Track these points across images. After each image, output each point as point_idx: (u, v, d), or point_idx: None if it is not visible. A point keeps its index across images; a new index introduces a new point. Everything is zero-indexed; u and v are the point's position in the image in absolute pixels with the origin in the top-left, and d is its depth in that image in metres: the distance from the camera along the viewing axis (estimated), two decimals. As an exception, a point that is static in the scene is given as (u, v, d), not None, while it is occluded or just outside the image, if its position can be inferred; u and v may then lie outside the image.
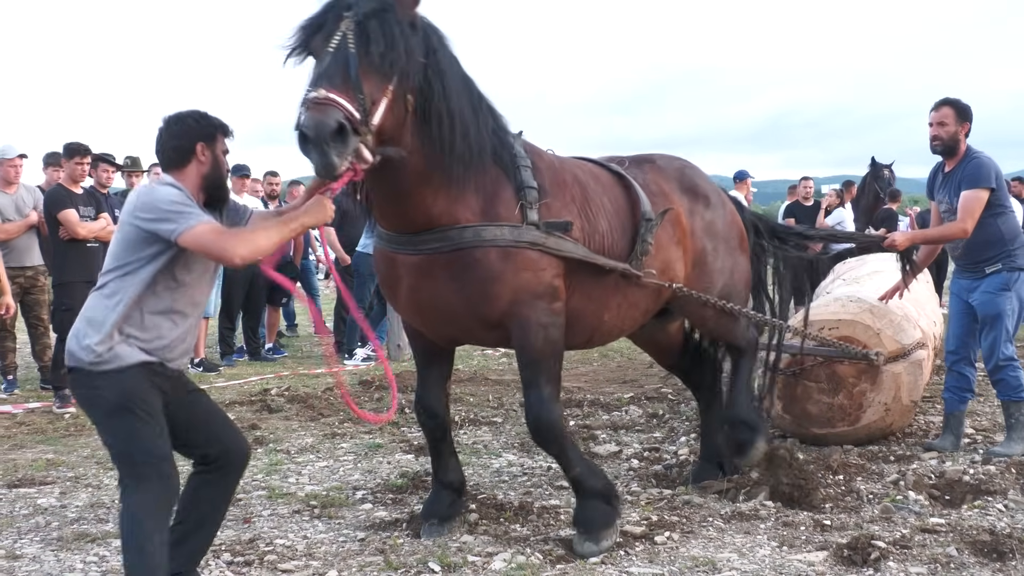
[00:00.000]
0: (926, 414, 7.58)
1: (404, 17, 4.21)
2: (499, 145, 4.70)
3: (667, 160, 5.84)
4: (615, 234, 5.03)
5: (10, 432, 7.90)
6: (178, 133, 4.15)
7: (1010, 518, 5.06)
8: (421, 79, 4.32)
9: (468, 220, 4.60)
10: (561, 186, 4.89)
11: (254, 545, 4.89)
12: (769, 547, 4.71)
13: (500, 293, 4.65)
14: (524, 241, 4.62)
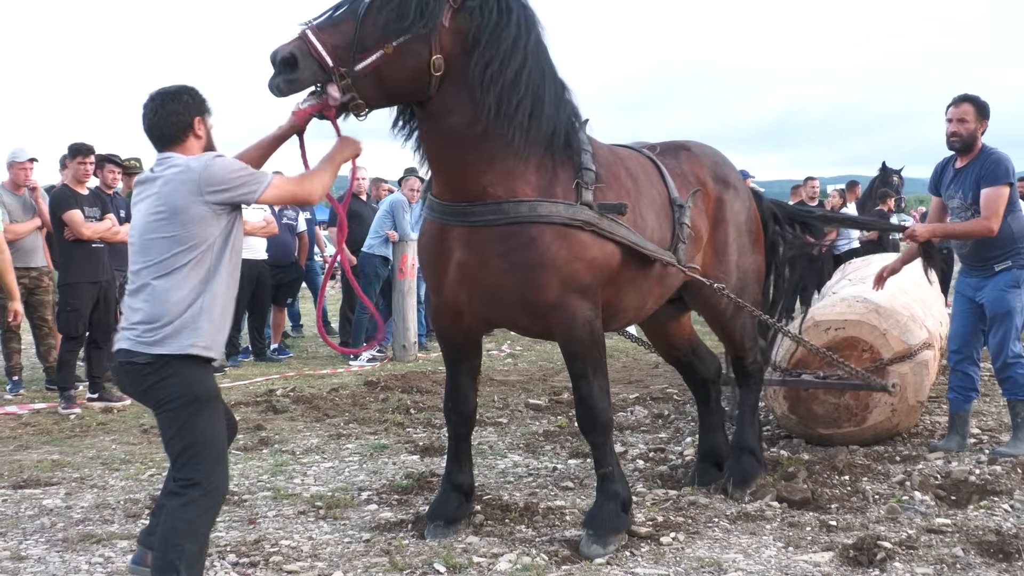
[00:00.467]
0: (932, 414, 7.57)
1: None
2: (571, 130, 4.76)
3: (701, 148, 5.88)
4: (662, 226, 5.13)
5: (15, 433, 7.92)
6: (175, 109, 4.09)
7: (1016, 518, 5.05)
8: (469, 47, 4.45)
9: (526, 195, 4.62)
10: (616, 176, 4.94)
11: (259, 546, 4.89)
12: (775, 548, 4.70)
13: (550, 282, 4.64)
14: (579, 220, 4.62)
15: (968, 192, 6.39)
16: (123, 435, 7.82)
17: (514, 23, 4.55)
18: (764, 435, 7.03)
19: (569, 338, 4.82)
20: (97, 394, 9.16)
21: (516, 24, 4.55)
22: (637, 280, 5.02)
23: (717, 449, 6.02)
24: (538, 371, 10.95)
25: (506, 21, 4.52)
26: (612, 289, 4.92)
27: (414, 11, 4.28)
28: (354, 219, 12.87)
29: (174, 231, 3.91)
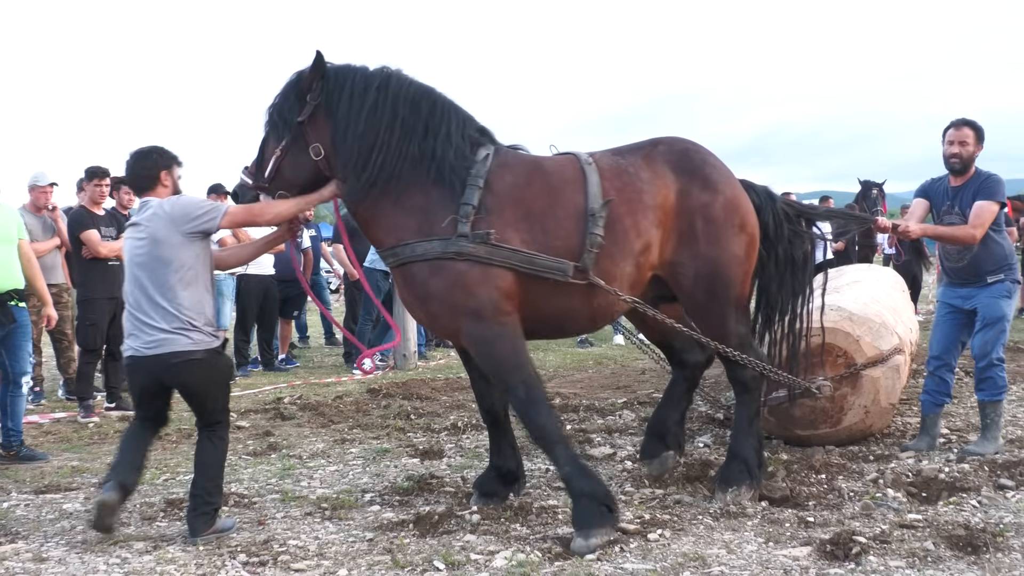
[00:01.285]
0: (903, 416, 7.58)
1: (299, 92, 5.21)
2: (447, 171, 5.08)
3: (671, 144, 5.61)
4: (569, 237, 5.08)
5: (37, 441, 7.89)
6: (146, 165, 5.22)
7: (984, 513, 5.05)
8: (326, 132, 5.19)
9: (407, 239, 5.05)
10: (512, 200, 5.09)
11: (268, 546, 4.88)
12: (756, 543, 4.70)
13: (439, 312, 5.09)
14: (451, 252, 4.92)
15: (967, 208, 6.37)
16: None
17: (346, 102, 5.17)
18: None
19: (478, 358, 5.18)
20: (114, 404, 9.16)
21: (349, 100, 5.17)
22: (554, 290, 5.06)
23: (664, 424, 6.00)
24: (531, 378, 10.92)
25: (340, 103, 5.17)
26: (529, 302, 5.07)
27: (278, 123, 5.25)
28: (357, 236, 12.88)
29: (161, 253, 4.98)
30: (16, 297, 7.10)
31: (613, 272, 5.18)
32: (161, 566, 4.61)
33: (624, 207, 5.22)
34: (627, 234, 5.21)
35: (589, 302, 5.21)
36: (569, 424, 7.95)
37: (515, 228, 5.03)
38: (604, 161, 5.39)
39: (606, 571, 4.34)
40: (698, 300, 5.46)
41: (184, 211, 5.02)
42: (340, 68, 5.26)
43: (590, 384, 10.27)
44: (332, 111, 5.17)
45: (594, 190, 5.16)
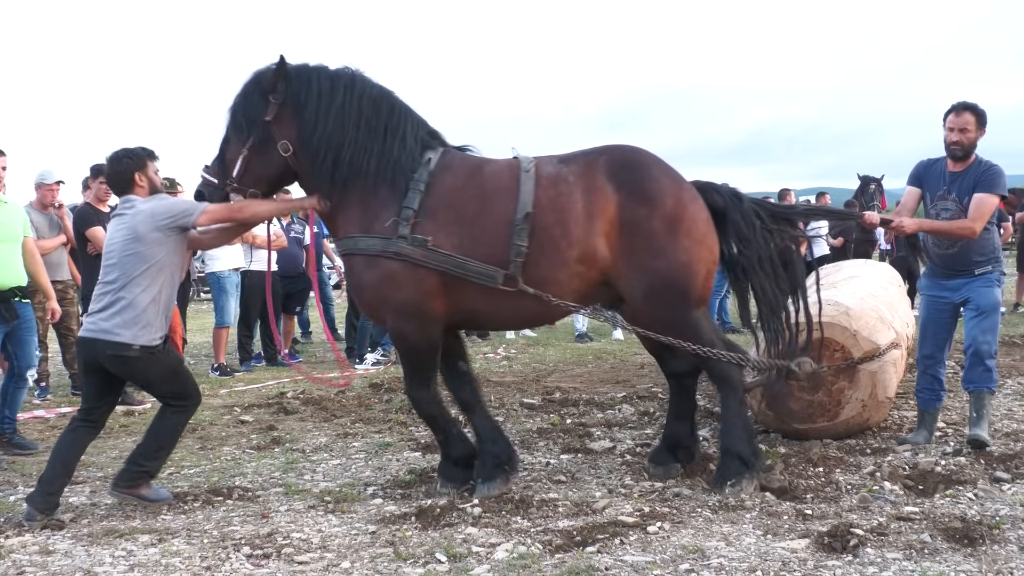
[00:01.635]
0: (900, 409, 7.56)
1: (261, 92, 5.46)
2: (395, 171, 5.41)
3: (614, 154, 5.58)
4: (496, 244, 5.31)
5: (43, 435, 7.90)
6: (119, 169, 5.59)
7: (980, 506, 5.04)
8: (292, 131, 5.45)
9: (353, 232, 5.44)
10: (448, 205, 5.37)
11: (272, 539, 4.88)
12: (754, 535, 4.69)
13: (368, 301, 5.56)
14: (389, 251, 5.28)
15: (965, 196, 6.19)
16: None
17: (314, 100, 5.44)
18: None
19: (396, 347, 5.86)
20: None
21: (318, 99, 5.44)
22: (480, 292, 5.35)
23: (677, 438, 5.96)
24: (532, 372, 10.93)
25: (308, 102, 5.44)
26: (459, 297, 5.40)
27: (243, 122, 5.47)
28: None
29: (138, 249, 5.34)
30: (19, 293, 7.13)
31: (546, 279, 5.34)
32: (166, 559, 4.60)
33: (554, 216, 5.33)
34: (558, 243, 5.32)
35: (520, 304, 5.40)
36: (569, 418, 7.94)
37: (447, 231, 5.32)
38: (545, 169, 5.48)
39: (606, 563, 4.33)
40: (657, 312, 5.48)
41: (165, 208, 5.42)
42: (301, 68, 5.54)
43: (589, 378, 10.27)
44: (300, 110, 5.45)
45: (525, 199, 5.31)
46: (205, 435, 7.70)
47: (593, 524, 4.88)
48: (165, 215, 5.38)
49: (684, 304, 5.46)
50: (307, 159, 5.50)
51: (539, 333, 15.18)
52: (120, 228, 5.46)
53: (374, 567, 4.42)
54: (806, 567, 4.23)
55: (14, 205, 7.53)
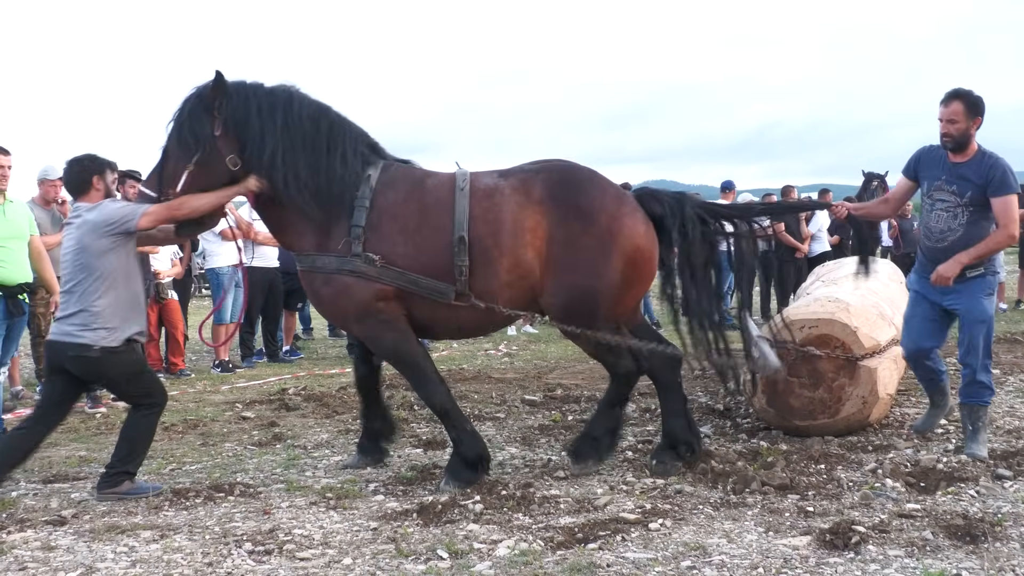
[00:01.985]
0: (901, 406, 7.55)
1: (203, 107, 5.53)
2: (343, 188, 5.57)
3: (551, 171, 5.71)
4: (440, 258, 5.50)
5: (45, 431, 7.89)
6: (78, 171, 5.74)
7: (982, 503, 5.03)
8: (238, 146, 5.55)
9: (308, 250, 5.63)
10: (394, 219, 5.54)
11: (274, 535, 4.87)
12: (756, 532, 4.68)
13: (331, 314, 5.93)
14: (345, 269, 5.48)
15: (966, 191, 5.88)
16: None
17: (255, 119, 5.54)
18: (745, 427, 7.03)
19: (372, 350, 5.97)
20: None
21: (259, 117, 5.54)
22: (432, 303, 5.56)
23: (675, 434, 5.97)
24: (533, 369, 10.93)
25: (249, 120, 5.54)
26: (414, 310, 5.62)
27: (189, 137, 5.51)
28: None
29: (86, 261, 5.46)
30: (25, 290, 7.19)
31: (483, 289, 5.54)
32: (168, 555, 4.60)
33: (486, 227, 5.49)
34: (489, 253, 5.50)
35: (467, 314, 5.60)
36: (571, 415, 7.93)
37: (391, 243, 5.51)
38: (482, 182, 5.65)
39: (607, 560, 4.32)
40: (571, 325, 5.62)
41: (104, 216, 5.49)
42: (238, 85, 5.64)
43: (591, 375, 10.25)
44: (242, 127, 5.55)
45: (460, 218, 5.50)
46: (207, 431, 7.69)
47: (595, 521, 4.87)
48: (106, 224, 5.48)
49: (601, 318, 5.64)
50: (254, 173, 5.62)
51: (541, 330, 15.18)
52: (69, 239, 5.62)
53: (376, 563, 4.41)
54: (808, 564, 4.22)
55: (20, 204, 7.63)
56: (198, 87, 5.63)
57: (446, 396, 5.77)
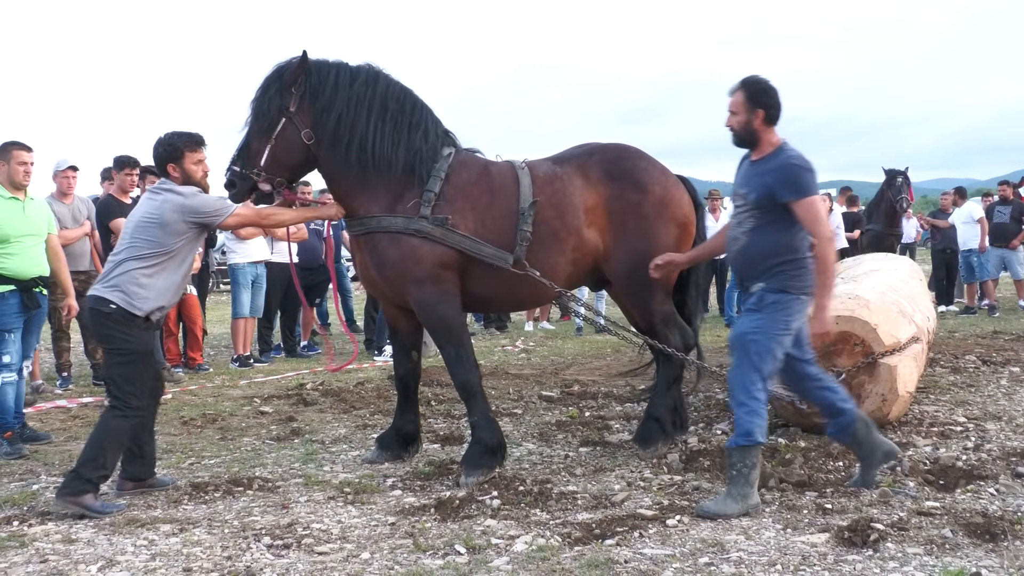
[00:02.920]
0: (920, 404, 7.52)
1: (284, 84, 5.77)
2: (416, 160, 5.83)
3: (604, 152, 6.27)
4: (504, 231, 5.85)
5: (65, 425, 7.95)
6: (155, 158, 5.73)
7: (1001, 501, 5.01)
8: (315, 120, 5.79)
9: (375, 212, 5.81)
10: (464, 194, 5.86)
11: (292, 529, 4.89)
12: (774, 529, 4.67)
13: (390, 275, 5.84)
14: (411, 229, 5.69)
15: (751, 194, 5.12)
16: (164, 426, 7.83)
17: (336, 92, 5.78)
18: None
19: (420, 318, 6.01)
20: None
21: (335, 91, 5.78)
22: (490, 273, 5.85)
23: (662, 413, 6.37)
24: (550, 365, 10.93)
25: (326, 94, 5.78)
26: (468, 279, 5.88)
27: (268, 113, 5.77)
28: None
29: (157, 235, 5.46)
30: (41, 283, 7.24)
31: (545, 264, 5.92)
32: (187, 548, 4.62)
33: (553, 210, 5.94)
34: (557, 234, 5.96)
35: (517, 288, 5.96)
36: (588, 411, 7.94)
37: (463, 216, 5.81)
38: (540, 169, 6.11)
39: (625, 556, 4.32)
40: (631, 288, 6.19)
41: (196, 205, 5.53)
42: (322, 63, 5.89)
43: (608, 372, 10.25)
44: (323, 101, 5.79)
45: (525, 192, 5.91)
46: (225, 426, 7.73)
47: (612, 517, 4.87)
48: (194, 212, 5.51)
49: (655, 284, 6.07)
50: (330, 148, 5.84)
51: (557, 326, 15.18)
52: (146, 206, 5.58)
53: (394, 558, 4.42)
54: (826, 561, 4.21)
55: (40, 201, 7.70)
56: (279, 64, 5.87)
57: (478, 380, 5.96)
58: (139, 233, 5.50)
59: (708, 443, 6.39)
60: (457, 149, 6.07)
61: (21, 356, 7.30)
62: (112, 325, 5.43)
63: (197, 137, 5.73)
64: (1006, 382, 8.50)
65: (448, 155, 5.94)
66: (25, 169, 7.36)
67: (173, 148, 5.63)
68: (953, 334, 12.31)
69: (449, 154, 5.94)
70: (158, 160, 5.72)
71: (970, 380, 8.61)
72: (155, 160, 5.77)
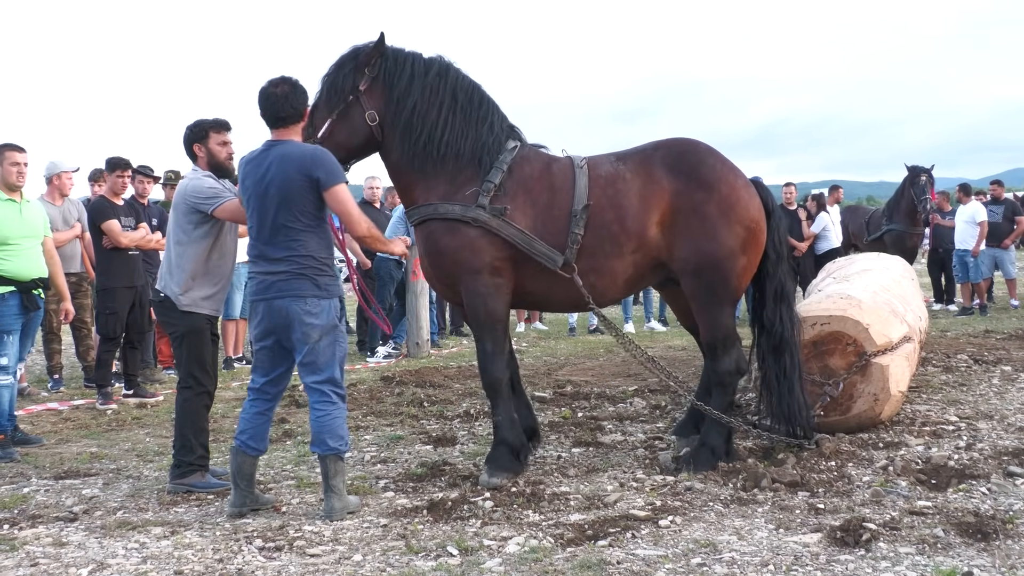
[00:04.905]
0: (913, 403, 7.53)
1: (358, 64, 5.77)
2: (482, 151, 5.79)
3: (669, 147, 6.00)
4: (558, 231, 5.73)
5: (56, 427, 7.93)
6: (184, 139, 5.98)
7: (993, 500, 5.01)
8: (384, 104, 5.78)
9: (433, 200, 5.76)
10: (525, 189, 5.79)
11: (284, 531, 4.88)
12: (767, 529, 4.67)
13: (444, 264, 5.78)
14: (468, 216, 5.63)
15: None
16: (156, 429, 7.82)
17: (409, 81, 5.77)
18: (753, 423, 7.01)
19: (467, 307, 5.89)
20: (132, 391, 9.18)
21: (411, 80, 5.78)
22: (539, 271, 5.73)
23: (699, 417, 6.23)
24: (543, 366, 10.93)
25: (403, 81, 5.77)
26: (524, 276, 5.79)
27: (337, 92, 5.76)
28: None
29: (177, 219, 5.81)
30: (40, 285, 7.24)
31: (603, 268, 5.81)
32: (179, 551, 4.61)
33: (613, 213, 5.76)
34: (616, 238, 5.77)
35: (568, 290, 5.81)
36: (580, 412, 7.94)
37: (522, 211, 5.72)
38: (602, 168, 5.91)
39: (618, 556, 4.32)
40: (697, 292, 5.86)
41: (191, 188, 5.80)
42: (398, 50, 5.89)
43: (601, 372, 10.26)
44: (394, 87, 5.79)
45: (580, 192, 5.77)
46: (217, 428, 7.71)
47: (605, 518, 4.87)
48: (187, 194, 5.79)
49: (722, 291, 5.82)
50: (396, 133, 5.82)
51: (550, 326, 15.19)
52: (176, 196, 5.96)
53: (386, 560, 4.41)
54: (818, 561, 4.21)
55: (36, 203, 7.75)
56: (357, 45, 5.90)
57: (507, 380, 5.91)
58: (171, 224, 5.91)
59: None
60: (522, 143, 6.01)
61: (18, 359, 7.29)
62: (162, 311, 5.92)
63: (223, 121, 6.05)
64: (998, 381, 8.52)
65: (512, 148, 5.88)
66: (19, 170, 7.36)
67: (200, 128, 5.94)
68: (945, 333, 12.33)
69: (513, 147, 5.88)
70: (186, 141, 5.96)
71: (962, 379, 8.62)
72: (185, 142, 5.97)
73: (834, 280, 8.87)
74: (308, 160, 5.07)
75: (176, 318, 5.83)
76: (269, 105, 5.19)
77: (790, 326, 6.05)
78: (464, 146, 5.80)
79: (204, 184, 5.80)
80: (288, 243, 5.06)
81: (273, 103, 5.18)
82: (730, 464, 5.76)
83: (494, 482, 5.57)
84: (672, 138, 6.16)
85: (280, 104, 5.18)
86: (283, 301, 5.06)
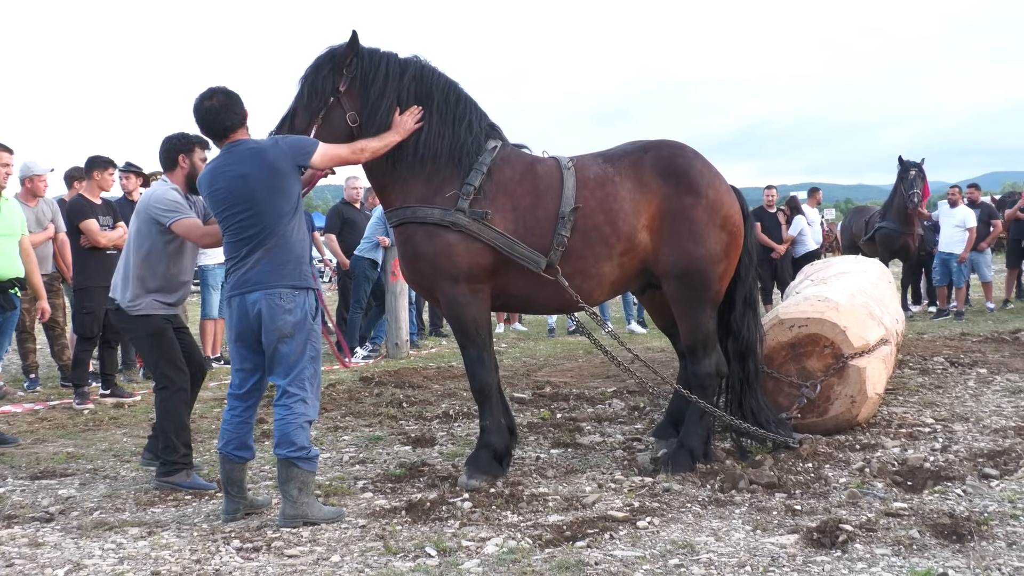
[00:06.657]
0: (889, 406, 7.58)
1: (336, 65, 5.68)
2: (461, 152, 5.72)
3: (659, 149, 5.99)
4: (542, 233, 5.67)
5: (32, 427, 7.88)
6: (167, 148, 6.00)
7: (968, 502, 5.05)
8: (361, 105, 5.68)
9: (410, 203, 5.69)
10: (506, 192, 5.71)
11: (262, 532, 4.87)
12: (744, 531, 4.70)
13: (423, 269, 5.71)
14: (447, 221, 5.55)
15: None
16: (133, 428, 7.79)
17: (381, 80, 5.69)
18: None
19: (447, 316, 5.86)
20: (109, 390, 9.13)
21: (385, 79, 5.70)
22: (521, 274, 5.68)
23: (681, 412, 6.25)
24: (522, 367, 10.94)
25: (378, 83, 5.68)
26: (507, 279, 5.73)
27: (318, 94, 5.66)
28: (349, 226, 12.89)
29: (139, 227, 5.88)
30: (17, 285, 7.20)
31: (591, 271, 5.77)
32: (156, 552, 4.59)
33: (603, 215, 5.73)
34: (607, 240, 5.74)
35: (553, 292, 5.77)
36: (559, 413, 7.95)
37: (503, 214, 5.65)
38: (590, 170, 5.86)
39: (596, 557, 4.33)
40: (680, 296, 5.88)
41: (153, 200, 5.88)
42: (373, 50, 5.81)
43: (580, 373, 10.28)
44: (370, 86, 5.69)
45: (568, 195, 5.71)
46: (195, 428, 7.65)
47: (583, 519, 4.88)
48: (149, 206, 5.87)
49: (704, 294, 5.86)
50: (372, 134, 5.68)
51: (530, 328, 15.20)
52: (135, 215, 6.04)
53: (364, 561, 4.41)
54: (795, 562, 4.23)
55: (15, 202, 7.69)
56: (332, 46, 5.80)
57: (495, 384, 5.87)
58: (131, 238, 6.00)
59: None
60: (503, 143, 5.93)
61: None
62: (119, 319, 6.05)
63: (205, 140, 5.94)
64: (973, 383, 8.59)
65: (492, 148, 5.80)
66: (6, 171, 7.32)
67: (187, 141, 6.02)
68: (922, 336, 12.42)
69: (494, 147, 5.80)
70: (172, 149, 5.98)
71: (938, 381, 8.69)
72: (168, 149, 5.99)
73: (812, 282, 8.92)
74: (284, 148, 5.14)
75: (133, 323, 5.94)
76: (212, 119, 5.15)
77: (755, 331, 6.18)
78: (441, 146, 5.72)
79: (169, 196, 5.85)
80: (264, 236, 5.03)
81: (216, 116, 5.15)
82: (708, 466, 5.78)
83: (473, 484, 5.55)
84: (659, 140, 6.12)
85: (223, 115, 5.15)
86: (256, 294, 5.02)
